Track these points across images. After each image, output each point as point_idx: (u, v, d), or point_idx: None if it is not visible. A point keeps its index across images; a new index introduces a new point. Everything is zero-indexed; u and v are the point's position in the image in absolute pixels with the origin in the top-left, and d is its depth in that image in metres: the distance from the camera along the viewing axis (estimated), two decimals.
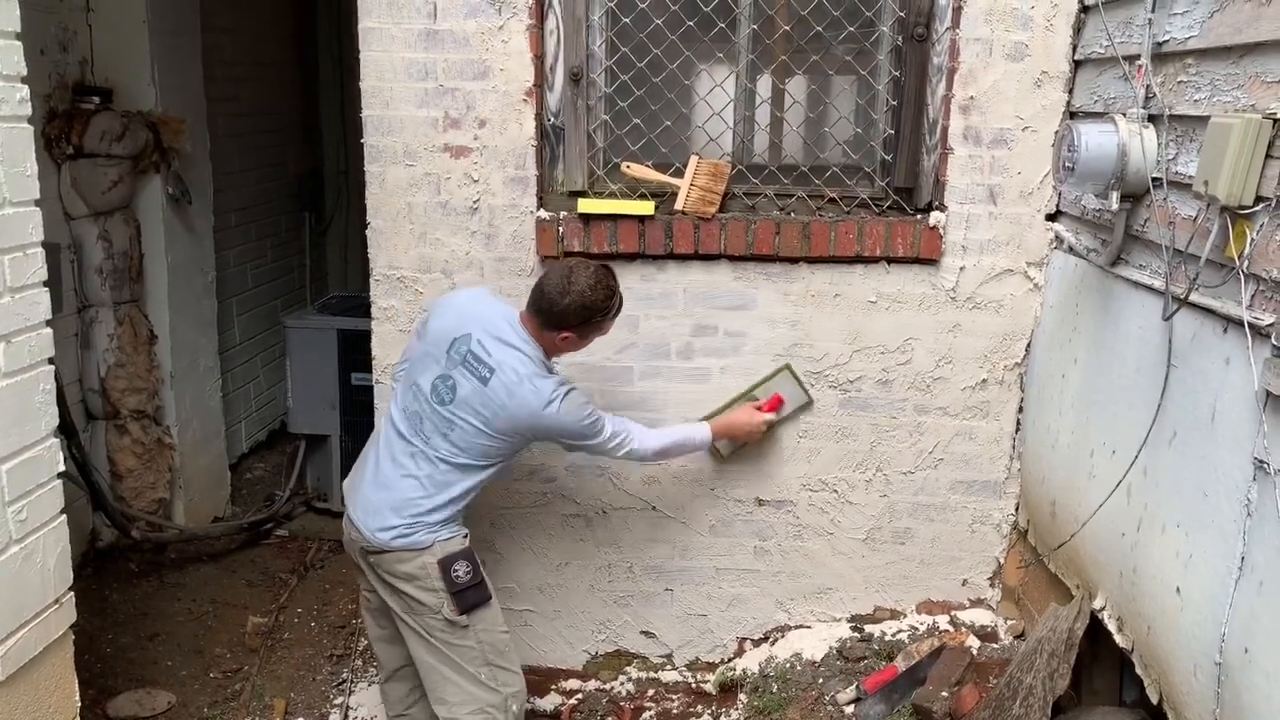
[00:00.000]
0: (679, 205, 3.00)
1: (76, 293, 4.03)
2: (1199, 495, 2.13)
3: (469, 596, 2.61)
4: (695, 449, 3.03)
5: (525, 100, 2.98)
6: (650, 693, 3.37)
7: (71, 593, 2.46)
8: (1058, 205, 3.01)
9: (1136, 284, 2.45)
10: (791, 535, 3.29)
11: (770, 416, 3.08)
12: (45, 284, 2.33)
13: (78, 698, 2.53)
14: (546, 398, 2.55)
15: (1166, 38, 2.32)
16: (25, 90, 2.24)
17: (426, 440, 2.61)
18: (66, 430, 3.47)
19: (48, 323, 2.35)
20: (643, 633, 3.40)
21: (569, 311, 2.55)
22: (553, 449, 3.21)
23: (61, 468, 2.41)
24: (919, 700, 2.85)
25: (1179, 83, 2.27)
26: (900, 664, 3.07)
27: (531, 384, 2.55)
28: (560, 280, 2.56)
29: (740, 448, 3.20)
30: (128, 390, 4.15)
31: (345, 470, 4.62)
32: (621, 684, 3.39)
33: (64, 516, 2.42)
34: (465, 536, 2.69)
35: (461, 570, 2.60)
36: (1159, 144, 2.32)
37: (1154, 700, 2.28)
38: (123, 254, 4.08)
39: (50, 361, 2.36)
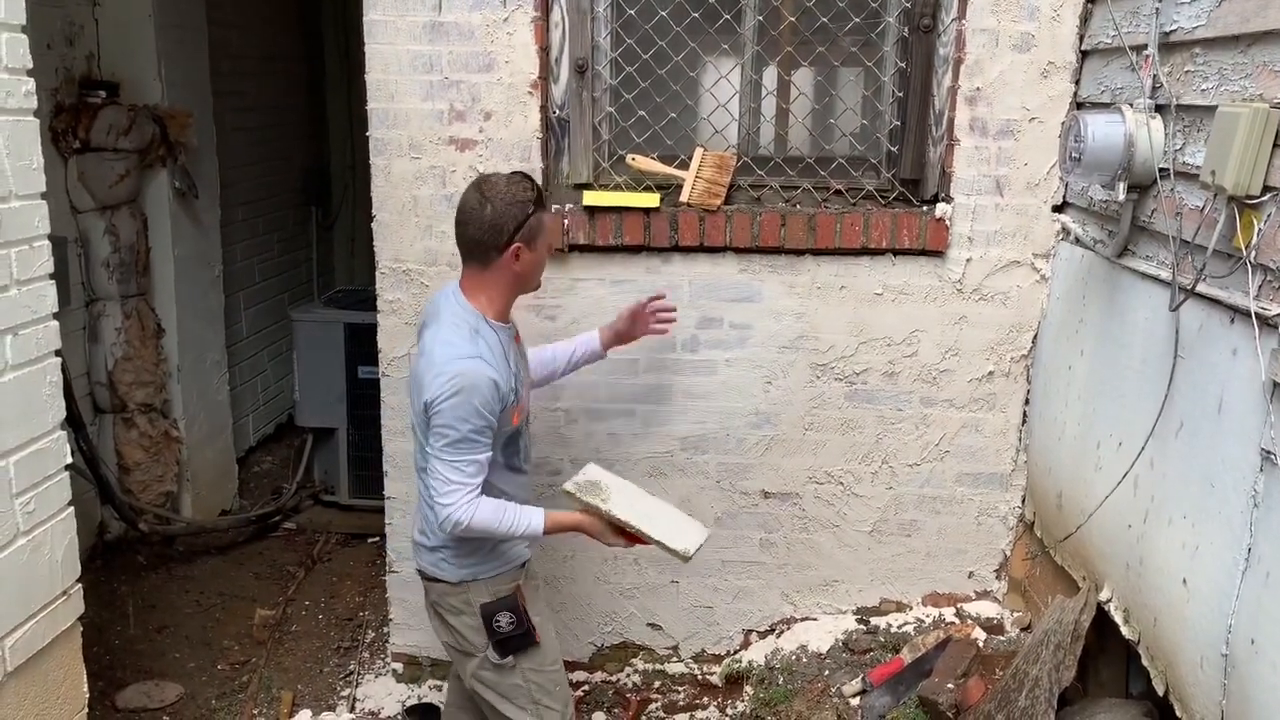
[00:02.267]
0: (684, 197, 3.00)
1: (84, 286, 4.04)
2: (1206, 487, 2.12)
3: (512, 644, 2.43)
4: (523, 534, 2.38)
5: (530, 92, 2.98)
6: (656, 684, 3.37)
7: (79, 585, 2.47)
8: (1064, 196, 3.00)
9: (1143, 275, 2.44)
10: (797, 528, 3.29)
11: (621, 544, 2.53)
12: (52, 277, 2.34)
13: (86, 689, 2.55)
14: (438, 366, 2.24)
15: (1174, 27, 2.31)
16: (31, 83, 2.24)
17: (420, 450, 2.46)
18: (74, 423, 3.49)
19: (55, 315, 2.36)
20: (649, 625, 3.41)
21: (502, 217, 2.26)
22: (557, 442, 3.22)
23: (69, 460, 2.42)
24: (925, 692, 2.85)
25: (1186, 72, 2.26)
26: (906, 656, 3.07)
27: (438, 349, 2.28)
28: (473, 198, 2.30)
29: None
30: (135, 383, 4.16)
31: (352, 463, 4.71)
32: (628, 676, 3.40)
33: (71, 509, 2.43)
34: (521, 567, 2.49)
35: (504, 621, 2.40)
36: (1166, 134, 2.31)
37: (1160, 692, 2.27)
38: (130, 248, 4.10)
39: (57, 354, 2.37)
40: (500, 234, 2.28)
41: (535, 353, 2.74)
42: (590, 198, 3.02)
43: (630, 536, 2.46)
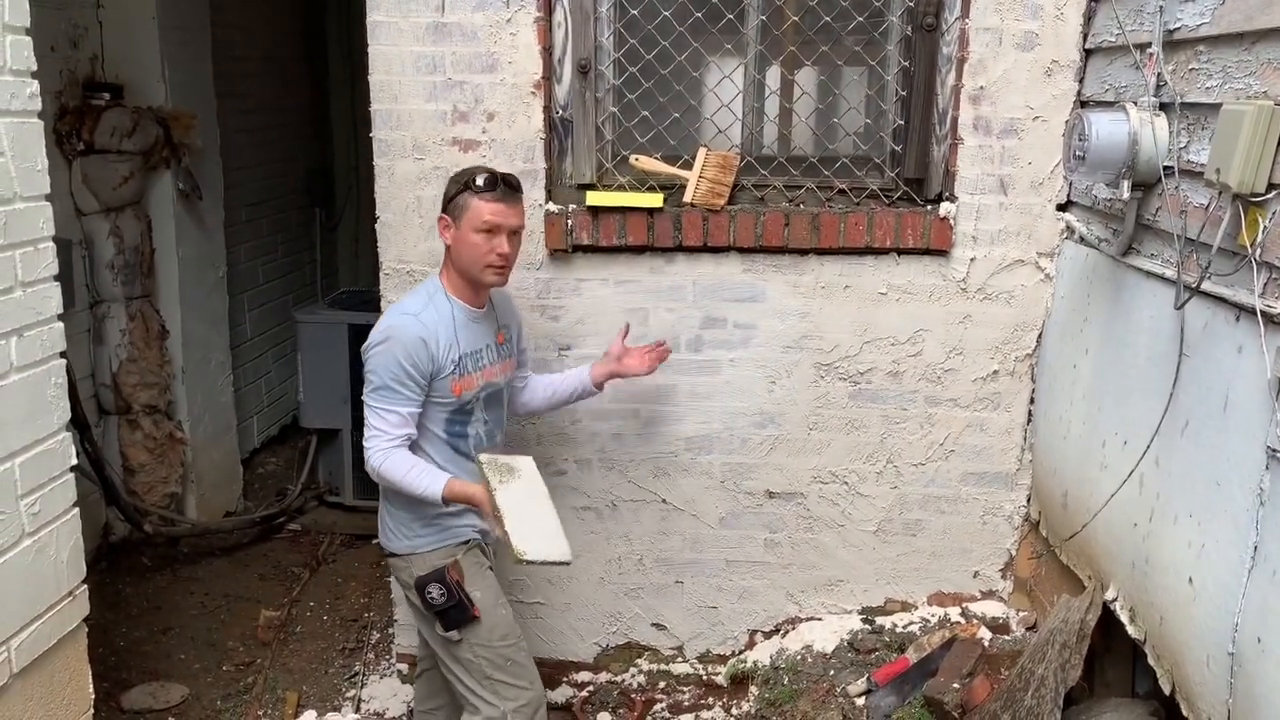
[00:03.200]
0: (688, 197, 3.00)
1: (89, 288, 4.05)
2: (1211, 485, 2.12)
3: (451, 617, 2.49)
4: (421, 494, 2.44)
5: (533, 93, 2.98)
6: (661, 685, 3.37)
7: (85, 586, 2.48)
8: (1068, 195, 2.99)
9: (1148, 273, 2.44)
10: (802, 527, 3.28)
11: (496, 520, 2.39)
12: (56, 278, 2.35)
13: (91, 690, 2.55)
14: (381, 320, 2.49)
15: (1178, 25, 2.30)
16: (35, 85, 2.25)
17: None
18: (79, 425, 3.50)
19: (59, 317, 2.36)
20: (653, 625, 3.41)
21: (444, 191, 2.51)
22: (561, 442, 3.22)
23: (74, 462, 2.43)
24: (930, 692, 2.85)
25: (1190, 70, 2.26)
26: (911, 656, 3.06)
27: (390, 308, 2.56)
28: None
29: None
30: (140, 385, 4.17)
31: (357, 464, 4.71)
32: (632, 676, 3.39)
33: (76, 510, 2.44)
34: (463, 545, 2.56)
35: (435, 592, 2.48)
36: (1170, 132, 2.31)
37: (1166, 691, 2.27)
38: (134, 249, 4.11)
39: (62, 355, 2.38)
40: (440, 204, 2.51)
41: (534, 380, 2.91)
42: (594, 198, 3.02)
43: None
